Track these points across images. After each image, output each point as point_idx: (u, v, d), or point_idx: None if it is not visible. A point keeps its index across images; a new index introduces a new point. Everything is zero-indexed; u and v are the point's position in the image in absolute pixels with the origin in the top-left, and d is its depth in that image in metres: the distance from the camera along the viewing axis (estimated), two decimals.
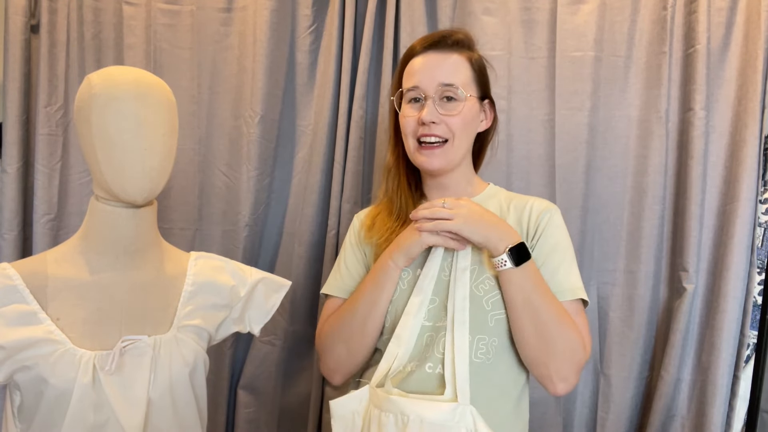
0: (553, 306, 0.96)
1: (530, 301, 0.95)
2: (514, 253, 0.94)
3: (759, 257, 1.49)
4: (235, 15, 1.60)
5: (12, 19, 1.51)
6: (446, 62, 1.03)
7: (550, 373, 0.96)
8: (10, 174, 1.53)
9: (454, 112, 1.02)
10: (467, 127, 1.04)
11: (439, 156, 1.04)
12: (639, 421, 1.54)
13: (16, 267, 0.91)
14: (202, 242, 1.62)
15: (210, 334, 1.03)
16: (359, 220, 1.18)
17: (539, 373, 0.98)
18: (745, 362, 1.47)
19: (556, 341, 0.95)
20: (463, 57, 1.05)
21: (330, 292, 1.14)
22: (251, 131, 1.57)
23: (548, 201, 1.10)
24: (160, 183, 0.92)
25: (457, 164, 1.07)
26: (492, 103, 1.11)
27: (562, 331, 0.95)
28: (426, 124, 1.02)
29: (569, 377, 0.96)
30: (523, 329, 0.96)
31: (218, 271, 1.07)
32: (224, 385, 1.62)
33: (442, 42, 1.05)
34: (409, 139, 1.06)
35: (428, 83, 1.02)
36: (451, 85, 1.02)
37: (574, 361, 0.96)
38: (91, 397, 0.86)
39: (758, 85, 1.40)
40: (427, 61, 1.04)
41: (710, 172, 1.46)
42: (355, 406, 0.98)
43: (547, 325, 0.94)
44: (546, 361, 0.96)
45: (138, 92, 0.88)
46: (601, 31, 1.50)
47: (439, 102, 1.02)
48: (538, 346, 0.95)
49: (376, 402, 0.95)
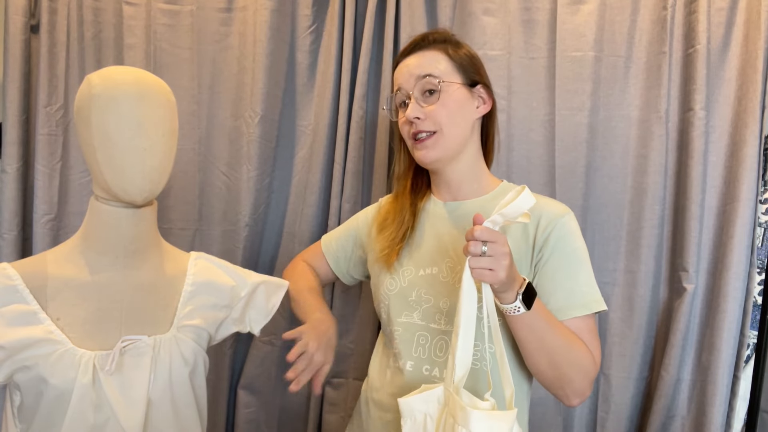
0: (563, 338, 0.94)
1: (543, 341, 0.93)
2: (524, 297, 0.89)
3: (759, 257, 1.49)
4: (235, 15, 1.60)
5: (12, 19, 1.51)
6: (422, 59, 1.06)
7: (566, 393, 0.97)
8: (10, 174, 1.53)
9: (435, 102, 1.03)
10: (454, 114, 1.04)
11: (432, 147, 1.05)
12: (639, 421, 1.54)
13: (16, 267, 0.91)
14: (202, 242, 1.62)
15: (210, 334, 1.03)
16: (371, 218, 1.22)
17: (555, 393, 0.99)
18: (745, 362, 1.47)
19: (570, 368, 0.95)
20: (438, 51, 1.07)
21: (323, 244, 1.28)
22: (251, 131, 1.57)
23: (563, 205, 1.06)
24: (160, 183, 0.92)
25: (456, 154, 1.07)
26: (487, 88, 1.10)
27: (575, 357, 0.95)
28: (413, 121, 1.04)
29: (584, 392, 0.97)
30: (539, 365, 0.96)
31: (218, 271, 1.08)
32: (224, 385, 1.62)
33: (418, 45, 1.09)
34: (407, 140, 1.09)
35: (407, 81, 1.06)
36: (426, 76, 1.04)
37: (588, 379, 0.97)
38: (91, 397, 0.86)
39: (758, 85, 1.40)
40: (407, 63, 1.08)
41: (710, 172, 1.46)
42: (427, 408, 0.92)
43: (561, 357, 0.94)
44: (561, 386, 0.97)
45: (138, 92, 0.89)
46: (601, 31, 1.50)
47: (421, 97, 1.05)
48: (553, 377, 0.96)
49: (452, 410, 0.87)
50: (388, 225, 1.13)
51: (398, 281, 1.08)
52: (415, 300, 1.05)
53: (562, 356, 0.94)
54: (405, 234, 1.10)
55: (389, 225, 1.13)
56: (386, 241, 1.11)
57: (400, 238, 1.10)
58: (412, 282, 1.06)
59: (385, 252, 1.10)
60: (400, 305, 1.07)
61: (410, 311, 1.05)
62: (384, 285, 1.10)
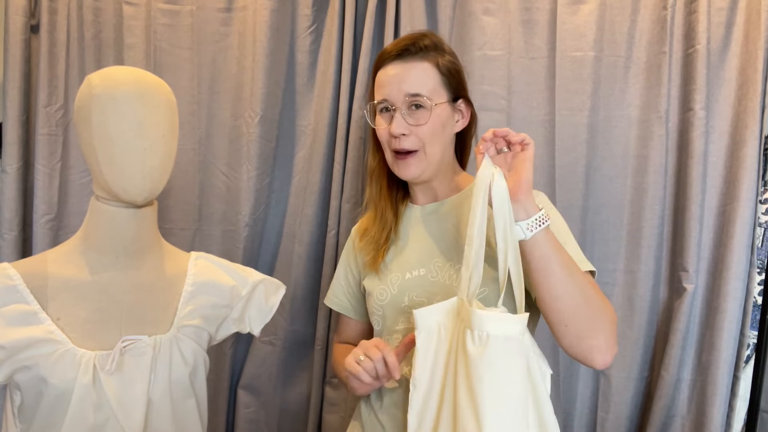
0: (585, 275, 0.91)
1: (571, 270, 0.88)
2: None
3: (759, 257, 1.49)
4: (235, 15, 1.60)
5: (12, 19, 1.51)
6: (412, 72, 1.03)
7: (600, 342, 0.88)
8: (10, 174, 1.53)
9: (422, 122, 1.01)
10: (438, 134, 1.03)
11: (414, 165, 1.03)
12: (639, 421, 1.54)
13: (16, 267, 0.91)
14: (202, 242, 1.62)
15: (210, 334, 1.03)
16: (354, 235, 1.20)
17: (589, 344, 0.88)
18: (745, 362, 1.47)
19: (601, 305, 0.89)
20: (429, 63, 1.03)
21: (331, 305, 1.22)
22: (251, 131, 1.57)
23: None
24: (161, 183, 0.92)
25: (435, 169, 1.06)
26: (467, 102, 1.10)
27: (601, 298, 0.90)
28: (396, 137, 1.02)
29: (614, 344, 0.90)
30: (572, 298, 0.87)
31: (218, 271, 1.07)
32: (224, 385, 1.62)
33: (406, 51, 1.04)
34: (386, 150, 1.07)
35: (396, 95, 1.02)
36: (417, 95, 1.01)
37: (614, 324, 0.91)
38: (91, 397, 0.86)
39: (758, 85, 1.40)
40: (394, 72, 1.03)
41: (710, 172, 1.46)
42: (441, 319, 0.89)
43: (591, 293, 0.88)
44: (596, 329, 0.88)
45: (138, 92, 0.89)
46: (601, 31, 1.50)
47: (407, 111, 1.02)
48: (588, 314, 0.88)
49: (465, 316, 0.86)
50: (370, 229, 1.12)
51: (388, 290, 1.06)
52: (408, 305, 1.03)
53: (592, 293, 0.88)
54: (389, 235, 1.09)
55: (370, 229, 1.12)
56: (370, 244, 1.10)
57: (385, 239, 1.09)
58: (402, 287, 1.04)
59: (371, 255, 1.09)
60: (395, 314, 1.05)
61: (406, 318, 1.03)
62: (375, 295, 1.07)
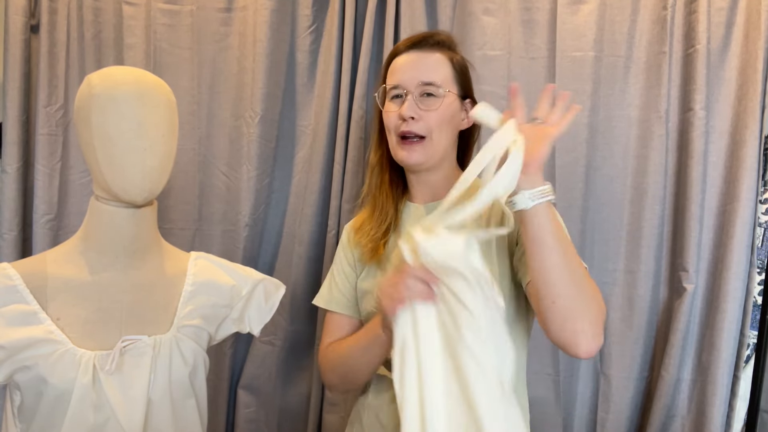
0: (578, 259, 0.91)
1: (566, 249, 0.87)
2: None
3: (759, 257, 1.49)
4: (235, 15, 1.60)
5: (12, 19, 1.51)
6: (427, 60, 1.06)
7: (584, 327, 0.86)
8: (10, 174, 1.53)
9: (433, 108, 1.03)
10: (446, 123, 1.05)
11: (419, 151, 1.04)
12: (639, 421, 1.54)
13: (16, 267, 0.91)
14: (202, 242, 1.62)
15: (210, 334, 1.03)
16: (347, 231, 1.17)
17: (573, 328, 0.87)
18: (745, 362, 1.47)
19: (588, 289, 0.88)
20: (444, 56, 1.06)
21: (323, 305, 1.14)
22: (251, 131, 1.57)
23: None
24: (161, 183, 0.92)
25: (439, 160, 1.06)
26: (474, 104, 1.10)
27: (590, 283, 0.89)
28: (406, 119, 1.03)
29: (600, 333, 0.89)
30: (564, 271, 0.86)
31: (218, 270, 1.07)
32: (224, 385, 1.62)
33: (424, 42, 1.07)
34: (391, 134, 1.07)
35: (409, 81, 1.04)
36: (431, 83, 1.03)
37: (602, 315, 0.90)
38: (91, 397, 0.86)
39: (758, 85, 1.40)
40: (409, 59, 1.06)
41: (710, 172, 1.46)
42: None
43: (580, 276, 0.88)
44: (583, 312, 0.86)
45: (138, 92, 0.89)
46: (601, 31, 1.50)
47: (419, 98, 1.04)
48: (577, 295, 0.86)
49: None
50: (366, 223, 1.10)
51: None
52: None
53: (583, 277, 0.88)
54: (388, 228, 1.08)
55: (368, 222, 1.10)
56: (366, 236, 1.08)
57: (383, 232, 1.08)
58: None
59: (368, 247, 1.07)
60: None
61: None
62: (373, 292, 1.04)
